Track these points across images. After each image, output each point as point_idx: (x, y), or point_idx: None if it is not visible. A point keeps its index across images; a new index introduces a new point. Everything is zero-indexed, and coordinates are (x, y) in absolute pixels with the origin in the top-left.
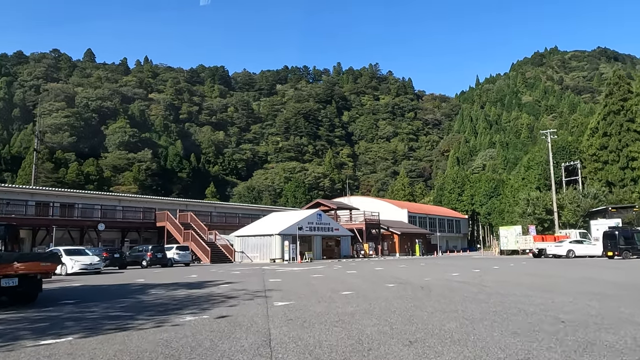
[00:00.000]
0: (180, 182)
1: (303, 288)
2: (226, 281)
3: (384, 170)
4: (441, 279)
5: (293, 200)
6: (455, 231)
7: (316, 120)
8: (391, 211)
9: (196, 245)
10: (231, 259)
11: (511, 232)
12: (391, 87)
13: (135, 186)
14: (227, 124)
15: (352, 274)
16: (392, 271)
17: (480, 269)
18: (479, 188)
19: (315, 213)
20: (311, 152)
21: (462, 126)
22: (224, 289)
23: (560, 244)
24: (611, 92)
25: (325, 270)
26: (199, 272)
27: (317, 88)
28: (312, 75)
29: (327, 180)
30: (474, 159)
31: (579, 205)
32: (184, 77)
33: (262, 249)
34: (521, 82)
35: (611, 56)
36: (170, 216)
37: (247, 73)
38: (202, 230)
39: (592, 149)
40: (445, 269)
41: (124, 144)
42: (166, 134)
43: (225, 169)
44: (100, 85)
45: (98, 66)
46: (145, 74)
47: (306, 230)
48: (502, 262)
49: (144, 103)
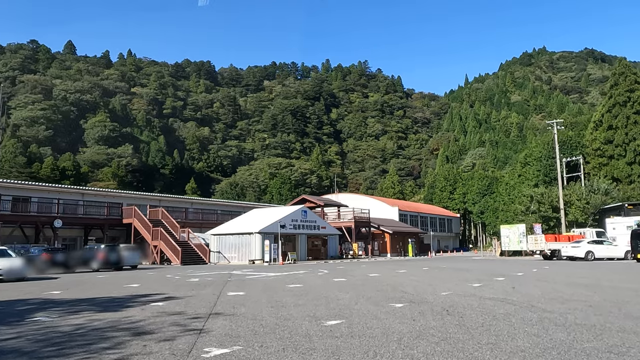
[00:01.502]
0: (163, 178)
1: (268, 312)
2: (168, 295)
3: (372, 169)
4: (465, 294)
5: (278, 197)
6: (447, 230)
7: (304, 117)
8: (381, 209)
9: (165, 244)
10: (205, 260)
11: (514, 232)
12: (380, 85)
13: (114, 182)
14: (213, 119)
15: (341, 284)
16: (391, 279)
17: (502, 276)
18: (471, 186)
19: (300, 210)
20: (299, 149)
21: (451, 125)
22: (151, 311)
23: (578, 245)
24: (616, 83)
25: (306, 277)
26: (148, 278)
27: (306, 85)
28: (301, 71)
29: (314, 176)
30: (464, 157)
31: (588, 202)
32: (168, 71)
33: (241, 249)
34: (510, 81)
35: (598, 57)
36: (137, 212)
37: (233, 68)
38: (174, 227)
39: (596, 143)
40: (456, 275)
41: (104, 139)
42: (148, 129)
43: (210, 166)
44: (80, 78)
45: (79, 59)
46: (128, 68)
47: (290, 228)
48: (515, 265)
49: (126, 97)
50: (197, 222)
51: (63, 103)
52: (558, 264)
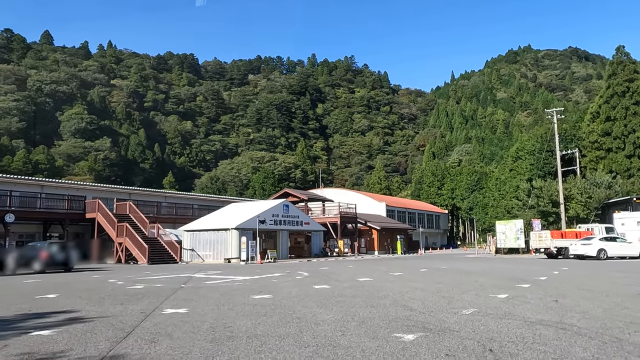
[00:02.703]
0: (143, 173)
1: (201, 353)
2: (75, 315)
3: (358, 165)
4: (498, 314)
5: (261, 192)
6: (435, 227)
7: (289, 112)
8: (368, 204)
9: (131, 241)
10: (176, 259)
11: (510, 228)
12: (367, 81)
13: (90, 176)
14: (196, 113)
15: (322, 294)
16: (387, 285)
17: (524, 282)
18: (460, 181)
19: (282, 204)
20: (284, 144)
21: (437, 121)
22: (13, 351)
23: (589, 242)
24: (615, 73)
25: (281, 283)
26: (80, 285)
27: (291, 79)
28: (286, 66)
29: (298, 171)
30: (450, 154)
31: (590, 197)
32: (150, 63)
33: (217, 246)
34: (496, 78)
35: (582, 56)
36: (102, 206)
37: (218, 62)
38: (143, 223)
39: (594, 136)
40: (466, 279)
41: (81, 132)
42: (128, 123)
43: (192, 161)
44: (56, 68)
45: (56, 49)
46: (108, 59)
47: (270, 224)
48: (525, 265)
49: (105, 89)
50: (170, 217)
51: (38, 94)
52: (574, 264)
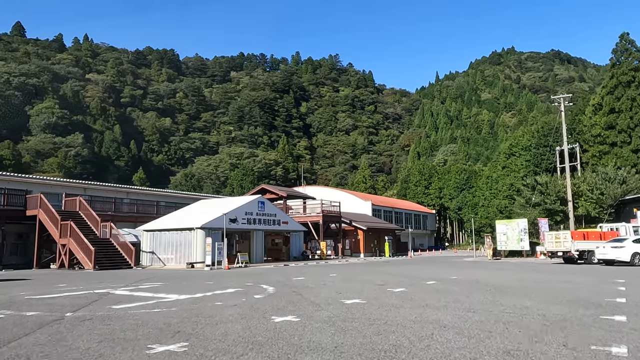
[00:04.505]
0: (117, 171)
1: None
2: None
3: (343, 164)
4: None
5: (239, 191)
6: (422, 227)
7: (272, 110)
8: (353, 203)
9: (76, 242)
10: (130, 263)
11: (512, 228)
12: (351, 80)
13: (60, 174)
14: (175, 110)
15: (278, 347)
16: (391, 318)
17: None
18: (448, 180)
19: (256, 201)
20: (266, 143)
21: (422, 121)
22: None
23: (621, 244)
24: (618, 61)
25: (216, 318)
26: None
27: (275, 77)
28: (270, 63)
29: (279, 168)
30: (435, 154)
31: (602, 193)
32: (128, 58)
33: (180, 248)
34: (480, 79)
35: (564, 59)
36: (44, 201)
37: (199, 58)
38: (94, 222)
39: (596, 129)
40: (506, 302)
41: (51, 127)
42: (103, 118)
43: (171, 159)
44: (27, 61)
45: (28, 41)
46: (84, 53)
47: (242, 223)
48: (555, 273)
49: (79, 83)
50: (131, 215)
51: (5, 87)
52: (622, 273)
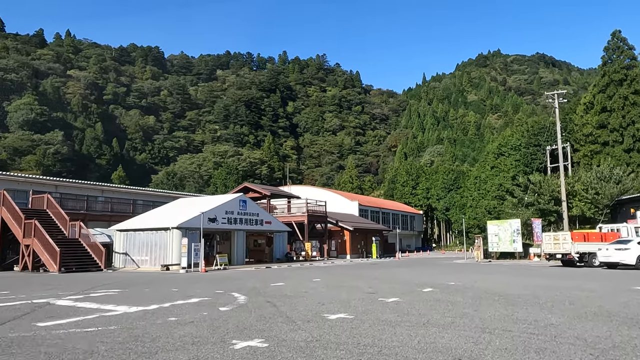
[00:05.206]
0: (99, 169)
1: None
2: None
3: (329, 164)
4: None
5: (223, 190)
6: (410, 228)
7: (259, 109)
8: (340, 203)
9: (40, 243)
10: (100, 265)
11: (505, 229)
12: (338, 80)
13: (38, 172)
14: (159, 108)
15: None
16: (386, 342)
17: None
18: (435, 180)
19: (238, 199)
20: (252, 142)
21: (409, 122)
22: None
23: (625, 246)
24: (610, 59)
25: (164, 339)
26: None
27: (261, 76)
28: (256, 62)
29: (264, 167)
30: (422, 154)
31: (597, 193)
32: (111, 55)
33: (155, 249)
34: (467, 81)
35: (549, 62)
36: (8, 199)
37: (184, 56)
38: (62, 220)
39: (588, 128)
40: (519, 316)
41: (30, 123)
42: (84, 115)
43: (155, 158)
44: (5, 55)
45: (7, 36)
46: (66, 49)
47: (222, 222)
48: (565, 279)
49: (60, 80)
50: (105, 214)
51: None
52: (624, 277)
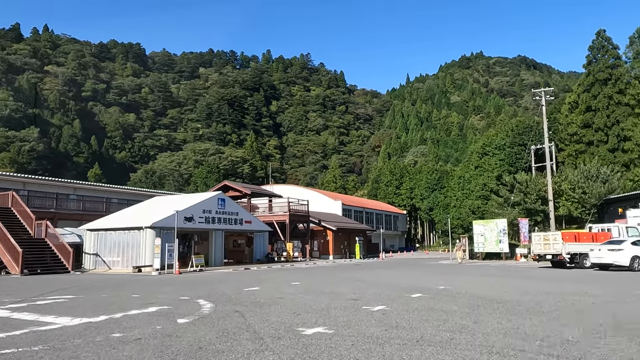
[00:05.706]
0: (76, 167)
1: None
2: None
3: (313, 164)
4: None
5: (204, 189)
6: (393, 228)
7: (242, 107)
8: (323, 203)
9: (1, 244)
10: (67, 267)
11: (491, 229)
12: (322, 79)
13: (11, 169)
14: (140, 106)
15: None
16: None
17: None
18: (419, 180)
19: (216, 197)
20: (235, 141)
21: (393, 122)
22: None
23: (619, 247)
24: (595, 59)
25: (109, 357)
26: None
27: (245, 74)
28: (240, 61)
29: (247, 166)
30: (406, 155)
31: (584, 192)
32: (90, 51)
33: (127, 250)
34: (450, 82)
35: (530, 64)
36: None
37: (166, 53)
38: (28, 219)
39: (572, 127)
40: (507, 324)
41: (4, 120)
42: (62, 112)
43: (135, 156)
44: None
45: None
46: (43, 44)
47: (200, 222)
48: (565, 281)
49: (36, 75)
50: (77, 213)
51: None
52: (622, 279)
